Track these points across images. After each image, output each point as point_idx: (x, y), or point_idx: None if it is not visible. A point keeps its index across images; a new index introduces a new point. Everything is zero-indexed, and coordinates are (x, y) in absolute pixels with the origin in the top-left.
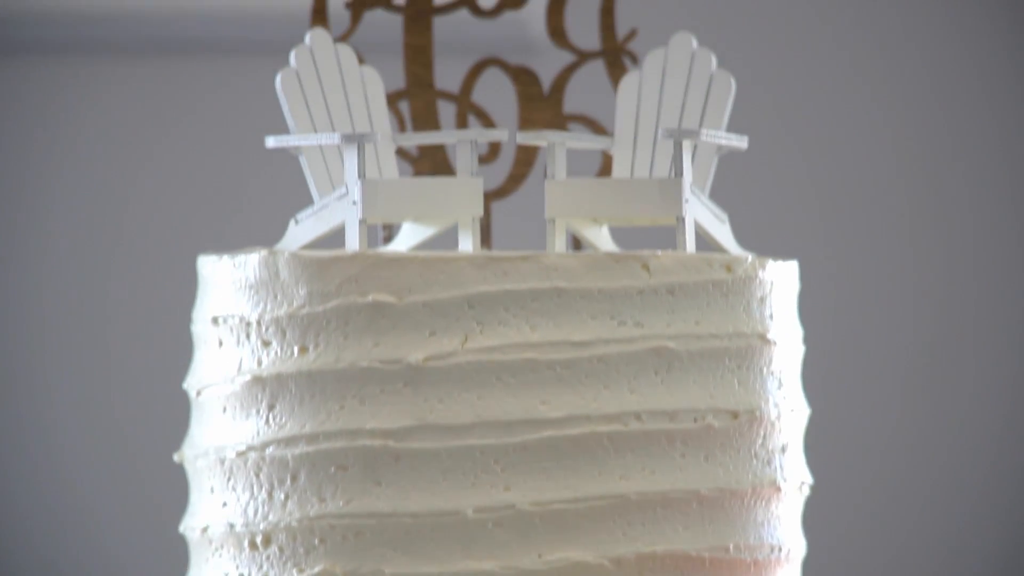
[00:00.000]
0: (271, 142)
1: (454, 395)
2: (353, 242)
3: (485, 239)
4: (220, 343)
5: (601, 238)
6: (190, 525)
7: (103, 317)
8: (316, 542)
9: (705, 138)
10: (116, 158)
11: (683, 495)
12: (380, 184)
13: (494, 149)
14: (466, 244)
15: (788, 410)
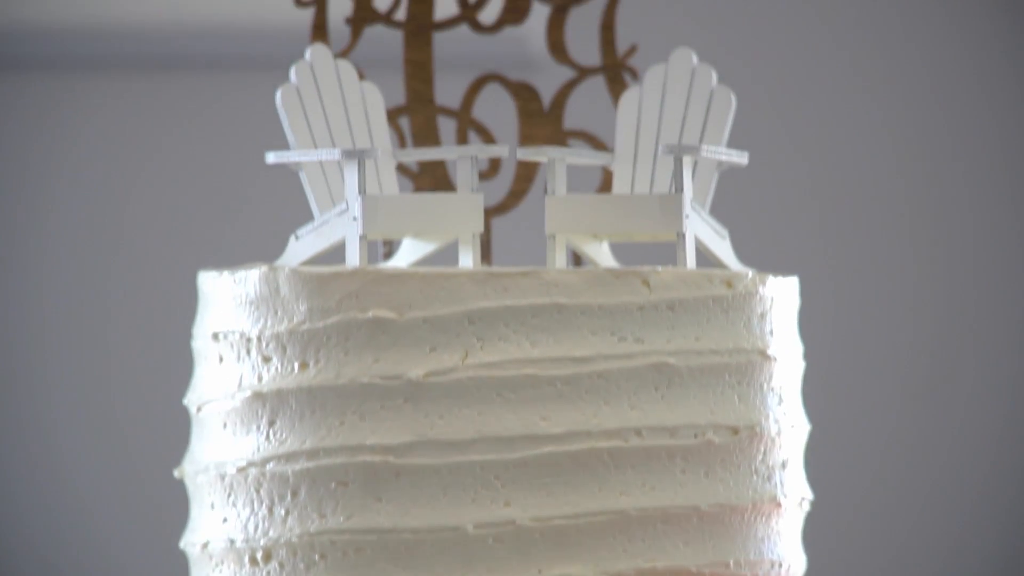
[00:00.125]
0: (271, 158)
1: (454, 411)
2: (353, 258)
3: (485, 255)
4: (220, 359)
5: (601, 254)
6: (190, 541)
7: (104, 333)
8: (316, 558)
9: (705, 154)
10: (117, 174)
11: (683, 511)
12: (380, 200)
13: (494, 165)
14: (466, 260)
15: (788, 426)
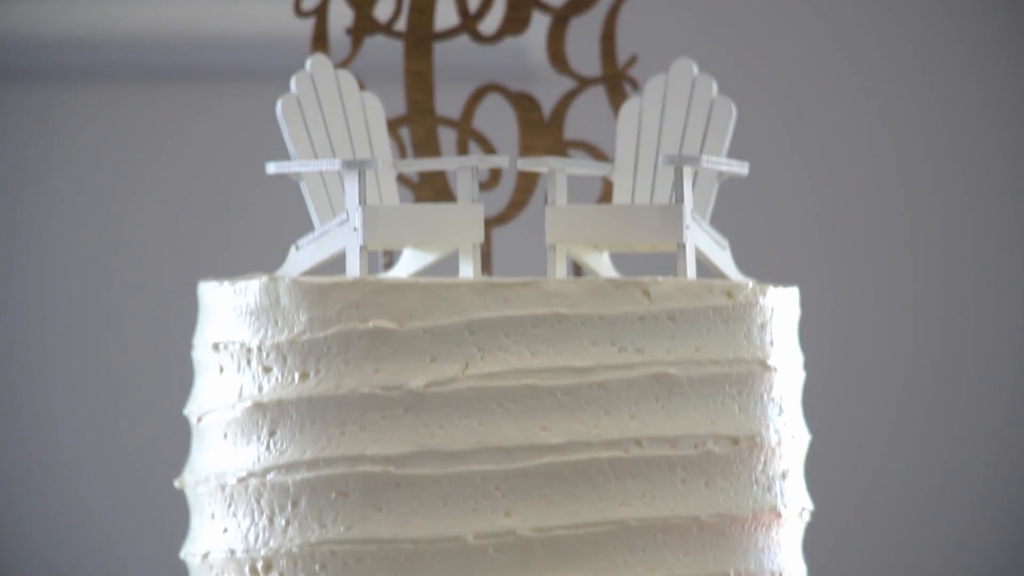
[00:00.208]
0: (272, 168)
1: (455, 421)
2: (354, 268)
3: (486, 265)
4: (221, 369)
5: (602, 264)
6: (191, 551)
7: (105, 343)
8: (317, 568)
9: (706, 164)
10: (118, 184)
11: (683, 521)
12: (381, 210)
13: (495, 175)
14: (467, 270)
15: (789, 436)
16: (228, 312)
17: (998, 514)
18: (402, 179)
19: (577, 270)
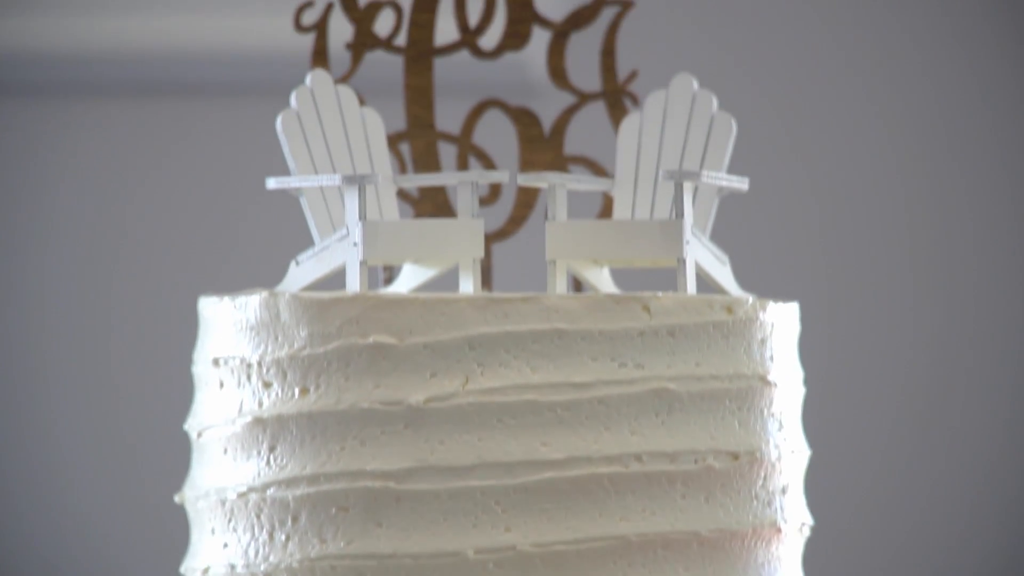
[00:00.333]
0: (272, 183)
1: (455, 436)
2: (354, 284)
3: (486, 281)
4: (221, 384)
5: (602, 279)
6: (191, 566)
7: (105, 359)
8: None
9: (706, 180)
10: (118, 199)
11: (683, 536)
12: (381, 226)
13: (495, 191)
14: (467, 286)
15: (789, 451)
16: (228, 327)
17: (997, 529)
18: (402, 194)
19: (577, 285)
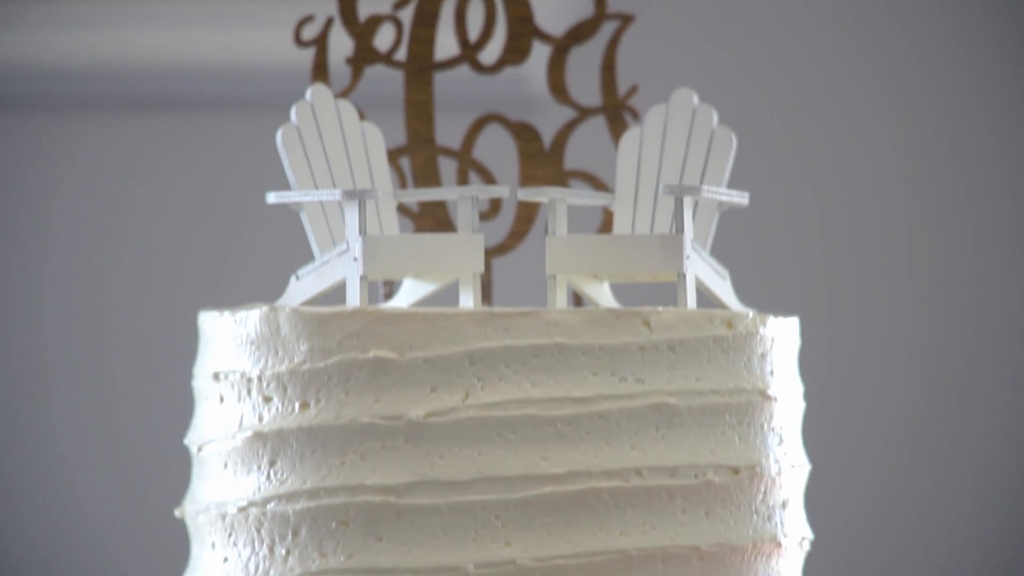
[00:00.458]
0: (272, 198)
1: (455, 451)
2: (354, 298)
3: (486, 295)
4: (221, 399)
5: (602, 294)
6: None
7: (105, 373)
8: None
9: (706, 194)
10: (118, 214)
11: (683, 551)
12: (381, 240)
13: (495, 205)
14: (467, 300)
15: (789, 466)
16: (228, 342)
17: (997, 543)
18: (402, 209)
19: (577, 300)
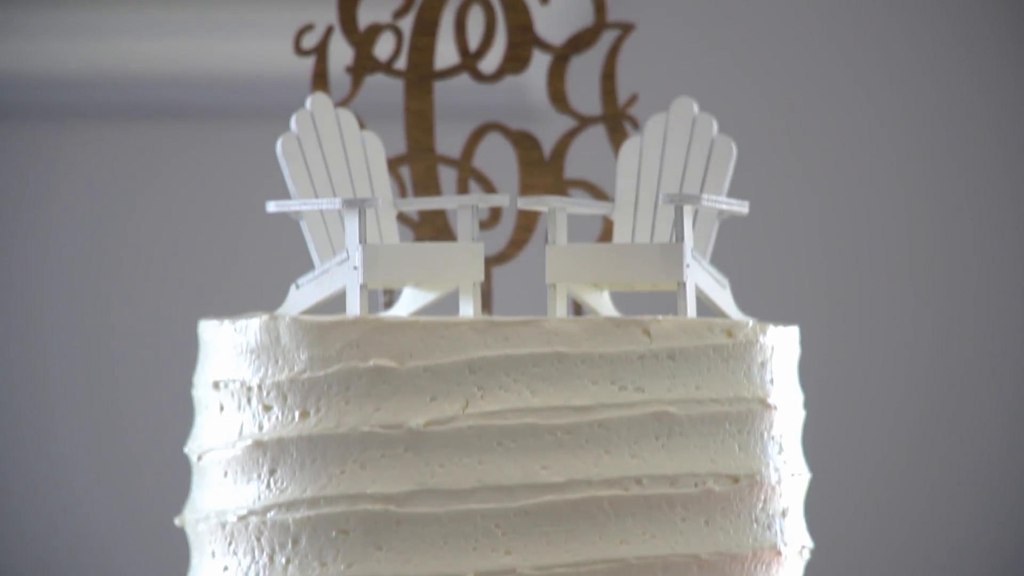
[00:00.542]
0: (272, 207)
1: (455, 460)
2: (354, 307)
3: (486, 304)
4: (221, 407)
5: (602, 303)
6: None
7: (106, 381)
8: None
9: (706, 203)
10: (117, 223)
11: (683, 559)
12: (381, 249)
13: (495, 214)
14: (467, 309)
15: (789, 474)
16: (228, 350)
17: (998, 552)
18: (402, 218)
19: (577, 309)
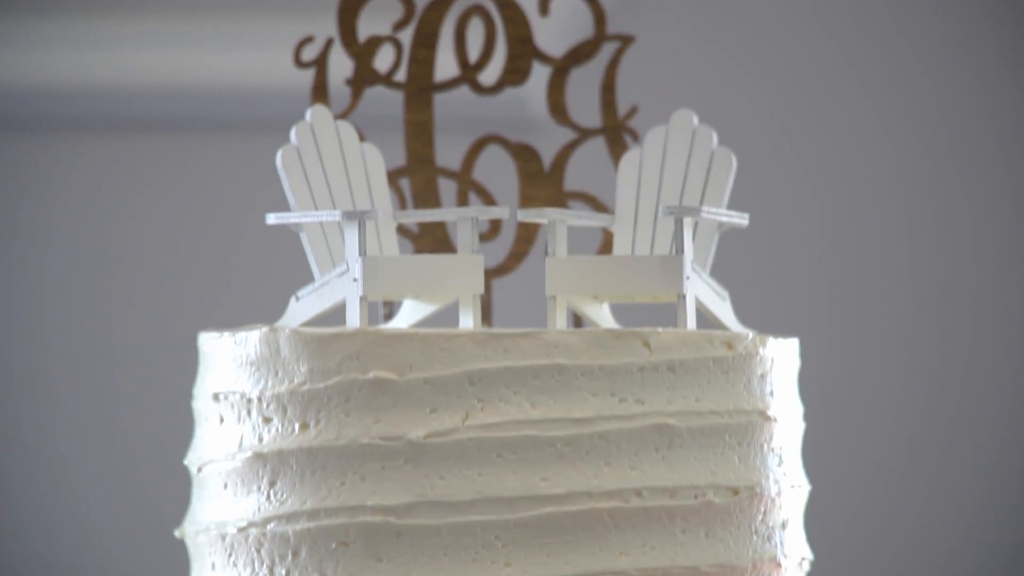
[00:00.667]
0: (272, 219)
1: (455, 472)
2: (354, 319)
3: (486, 316)
4: (221, 419)
5: (602, 315)
6: None
7: (105, 393)
8: None
9: (706, 215)
10: (118, 235)
11: (683, 571)
12: (381, 261)
13: (495, 226)
14: (467, 321)
15: (788, 486)
16: (228, 362)
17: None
18: (402, 230)
19: (577, 321)
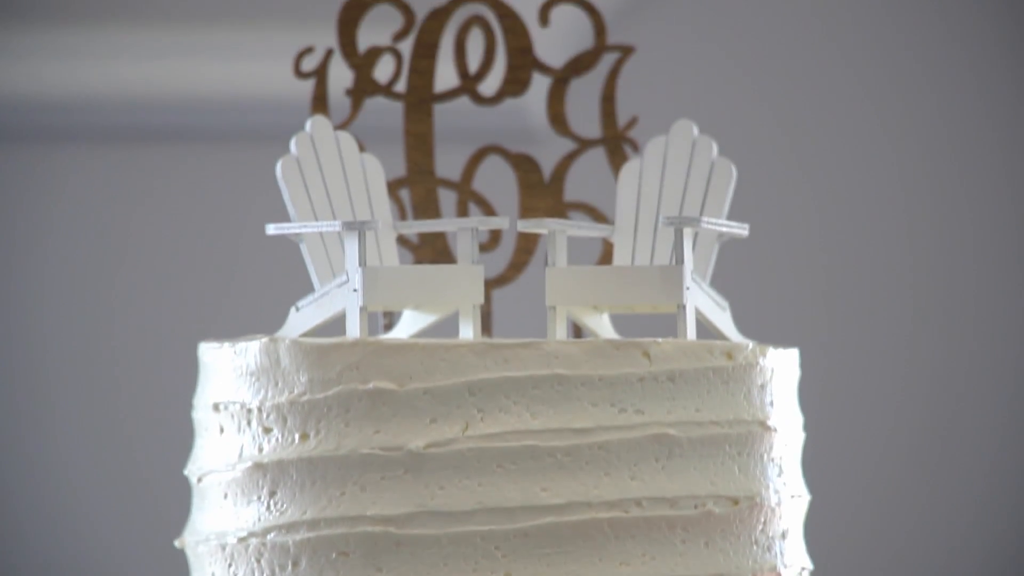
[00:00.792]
0: (272, 229)
1: (455, 482)
2: (354, 329)
3: (486, 326)
4: (221, 430)
5: (602, 325)
6: None
7: (106, 404)
8: None
9: (706, 226)
10: (118, 245)
11: None
12: (381, 272)
13: (495, 237)
14: (467, 331)
15: (788, 496)
16: (228, 373)
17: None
18: (402, 240)
19: (577, 331)
